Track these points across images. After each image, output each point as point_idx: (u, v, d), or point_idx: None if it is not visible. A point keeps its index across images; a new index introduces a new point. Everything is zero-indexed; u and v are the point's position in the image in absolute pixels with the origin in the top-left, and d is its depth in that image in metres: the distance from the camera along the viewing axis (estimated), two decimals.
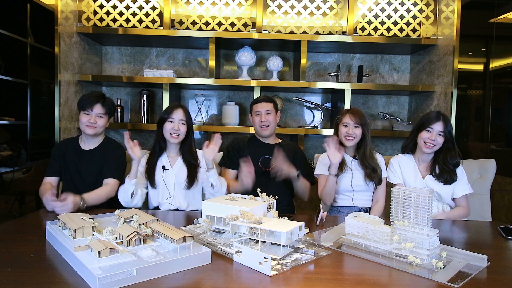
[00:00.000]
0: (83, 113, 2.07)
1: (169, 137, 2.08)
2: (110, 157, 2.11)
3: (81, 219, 1.40)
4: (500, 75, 3.76)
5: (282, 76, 3.36)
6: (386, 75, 3.38)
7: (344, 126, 2.13)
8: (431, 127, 2.03)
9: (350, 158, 2.18)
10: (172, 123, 2.07)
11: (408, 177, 2.12)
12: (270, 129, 2.30)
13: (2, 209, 3.35)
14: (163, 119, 2.09)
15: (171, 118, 2.07)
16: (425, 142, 2.04)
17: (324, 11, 3.00)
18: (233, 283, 1.11)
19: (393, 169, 2.17)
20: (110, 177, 2.06)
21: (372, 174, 2.12)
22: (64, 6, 2.75)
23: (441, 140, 2.02)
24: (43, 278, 1.10)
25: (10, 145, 3.34)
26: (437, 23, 2.97)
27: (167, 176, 2.08)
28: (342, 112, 2.19)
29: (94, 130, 2.07)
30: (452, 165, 2.05)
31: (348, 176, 2.14)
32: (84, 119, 2.06)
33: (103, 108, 2.09)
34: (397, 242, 1.34)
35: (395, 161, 2.18)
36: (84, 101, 2.08)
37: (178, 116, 2.08)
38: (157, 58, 3.32)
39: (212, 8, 2.98)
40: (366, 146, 2.13)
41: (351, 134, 2.10)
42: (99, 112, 2.08)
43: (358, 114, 2.13)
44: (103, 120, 2.11)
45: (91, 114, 2.06)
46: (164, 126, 2.08)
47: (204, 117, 3.30)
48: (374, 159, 2.15)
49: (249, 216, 1.33)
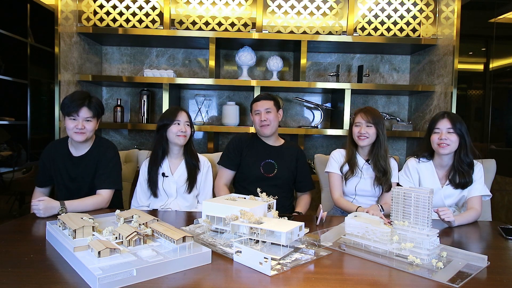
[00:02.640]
0: (69, 119, 1.88)
1: (177, 139, 2.04)
2: (103, 160, 1.98)
3: (81, 219, 1.40)
4: (500, 75, 3.76)
5: (282, 76, 3.36)
6: (386, 75, 3.38)
7: (356, 126, 2.07)
8: (438, 127, 1.95)
9: (363, 161, 2.12)
10: (179, 125, 2.04)
11: (426, 184, 2.01)
12: (271, 128, 2.21)
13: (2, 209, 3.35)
14: (166, 124, 2.05)
15: (177, 121, 2.04)
16: (438, 144, 1.94)
17: (324, 11, 3.00)
18: (233, 283, 1.11)
19: (408, 174, 2.06)
20: (101, 187, 1.95)
21: (382, 178, 2.05)
22: (64, 6, 2.75)
23: (453, 138, 1.91)
24: (43, 278, 1.10)
25: (10, 145, 3.34)
26: (437, 23, 2.97)
27: (167, 184, 2.06)
28: (355, 112, 2.13)
29: (83, 136, 1.90)
30: (467, 165, 1.94)
31: (356, 180, 2.10)
32: (70, 125, 1.88)
33: (90, 111, 1.90)
34: (397, 242, 1.34)
35: (413, 166, 2.06)
36: (67, 105, 1.88)
37: (184, 118, 2.06)
38: (157, 58, 3.32)
39: (212, 8, 2.98)
40: (380, 147, 2.05)
41: (363, 134, 2.03)
42: (86, 116, 1.89)
43: (370, 112, 2.06)
44: (92, 123, 1.92)
45: (78, 119, 1.88)
46: (169, 130, 2.04)
47: (204, 117, 3.30)
48: (387, 162, 2.07)
49: (249, 216, 1.33)
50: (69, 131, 1.91)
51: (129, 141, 3.36)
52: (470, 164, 1.96)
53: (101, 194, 1.94)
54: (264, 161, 2.23)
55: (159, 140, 2.08)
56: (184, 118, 2.07)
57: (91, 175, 1.98)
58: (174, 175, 2.08)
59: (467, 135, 1.94)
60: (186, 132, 2.06)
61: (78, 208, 1.80)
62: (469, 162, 1.95)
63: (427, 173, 2.03)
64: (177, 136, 2.04)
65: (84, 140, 1.94)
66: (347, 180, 2.11)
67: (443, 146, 1.92)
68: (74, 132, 1.89)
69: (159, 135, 2.09)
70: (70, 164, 1.98)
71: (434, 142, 1.96)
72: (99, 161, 1.98)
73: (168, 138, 2.07)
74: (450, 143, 1.92)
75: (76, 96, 1.91)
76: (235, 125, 3.08)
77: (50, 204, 1.74)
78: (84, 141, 1.94)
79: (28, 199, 3.76)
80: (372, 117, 2.04)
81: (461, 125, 1.94)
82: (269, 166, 2.22)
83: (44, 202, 1.72)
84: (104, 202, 1.93)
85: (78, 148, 1.99)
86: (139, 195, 2.09)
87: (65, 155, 1.99)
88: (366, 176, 2.10)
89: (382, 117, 2.09)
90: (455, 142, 1.92)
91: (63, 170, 1.98)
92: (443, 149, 1.93)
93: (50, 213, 1.73)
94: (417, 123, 3.20)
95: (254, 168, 2.20)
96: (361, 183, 2.09)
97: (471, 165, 1.96)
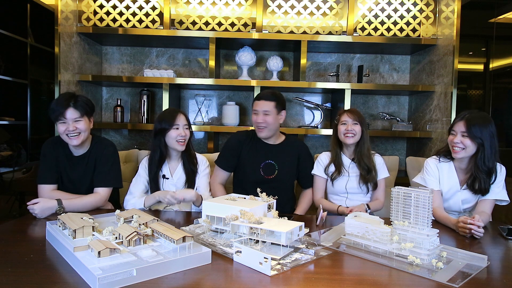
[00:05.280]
0: (59, 123, 1.85)
1: (176, 145, 1.99)
2: (101, 159, 1.97)
3: (81, 219, 1.40)
4: (500, 75, 3.76)
5: (282, 76, 3.36)
6: (386, 75, 3.38)
7: (343, 124, 2.11)
8: (454, 129, 1.84)
9: (348, 160, 2.16)
10: (178, 129, 1.98)
11: (444, 184, 1.92)
12: (267, 131, 2.12)
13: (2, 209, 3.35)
14: (165, 129, 1.98)
15: (176, 125, 1.98)
16: (452, 146, 1.85)
17: (324, 11, 3.00)
18: (233, 283, 1.11)
19: (432, 173, 1.94)
20: (99, 186, 1.93)
21: (366, 176, 2.09)
22: (64, 6, 2.74)
23: (468, 142, 1.78)
24: (43, 278, 1.10)
25: (10, 145, 3.34)
26: (437, 23, 2.97)
27: (167, 186, 2.04)
28: (340, 113, 2.18)
29: (78, 139, 1.87)
30: (485, 173, 1.80)
31: (344, 179, 2.13)
32: (61, 129, 1.84)
33: (76, 111, 1.85)
34: (397, 242, 1.34)
35: (433, 164, 1.96)
36: (53, 110, 1.84)
37: (182, 122, 2.01)
38: (157, 58, 3.32)
39: (212, 8, 2.98)
40: (364, 145, 2.10)
41: (350, 131, 2.07)
42: (74, 116, 1.84)
43: (355, 112, 2.12)
44: (82, 123, 1.87)
45: (67, 121, 1.84)
46: (168, 135, 1.99)
47: (204, 117, 3.30)
48: (371, 160, 2.12)
49: (249, 216, 1.33)
50: (62, 136, 1.87)
51: (129, 141, 3.36)
52: (489, 172, 1.81)
53: (99, 192, 1.93)
54: (264, 162, 2.17)
55: (157, 145, 2.02)
56: (182, 121, 2.02)
57: (90, 175, 1.97)
58: (173, 177, 2.07)
59: (489, 140, 1.78)
60: (186, 136, 2.02)
61: (76, 207, 1.80)
62: (487, 170, 1.80)
63: (447, 173, 1.93)
64: (177, 142, 1.99)
65: (81, 143, 1.90)
66: (335, 180, 2.14)
67: (456, 151, 1.83)
68: (67, 135, 1.85)
69: (157, 140, 2.02)
70: (71, 164, 1.96)
71: (450, 142, 1.87)
72: (98, 160, 1.97)
73: (166, 143, 2.02)
74: (466, 147, 1.80)
75: (60, 98, 1.88)
76: (235, 125, 3.08)
77: (46, 205, 1.72)
78: (81, 143, 1.90)
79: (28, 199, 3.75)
80: (357, 116, 2.10)
81: (481, 129, 1.77)
82: (269, 167, 2.17)
83: (40, 204, 1.71)
84: (102, 201, 1.93)
85: (77, 148, 1.96)
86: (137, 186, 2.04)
87: (66, 154, 1.96)
88: (353, 174, 2.13)
89: (364, 118, 2.14)
90: (470, 147, 1.79)
91: (62, 169, 1.96)
92: (455, 153, 1.84)
93: (47, 214, 1.72)
94: (417, 123, 3.20)
95: (254, 171, 2.16)
96: (350, 182, 2.13)
97: (490, 173, 1.82)
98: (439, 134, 2.87)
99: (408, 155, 3.30)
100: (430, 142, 2.99)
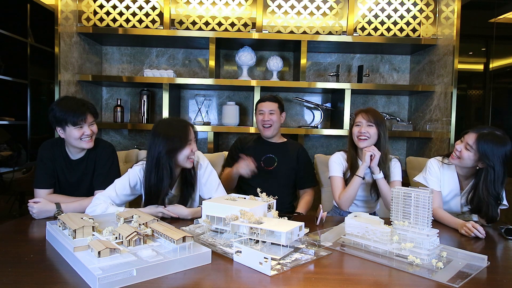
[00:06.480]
0: (74, 128, 1.80)
1: (187, 163, 1.77)
2: (100, 161, 1.94)
3: (81, 219, 1.40)
4: (500, 75, 3.76)
5: (282, 76, 3.36)
6: (386, 75, 3.38)
7: (357, 125, 1.98)
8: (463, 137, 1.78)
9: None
10: (191, 145, 1.76)
11: (445, 187, 1.89)
12: (273, 129, 2.30)
13: (2, 209, 3.35)
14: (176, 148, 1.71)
15: (189, 141, 1.75)
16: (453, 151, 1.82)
17: (324, 11, 3.00)
18: (233, 283, 1.11)
19: (434, 174, 1.90)
20: (98, 188, 1.89)
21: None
22: (64, 6, 2.75)
23: (466, 154, 1.73)
24: (43, 278, 1.10)
25: (10, 145, 3.34)
26: (437, 23, 2.97)
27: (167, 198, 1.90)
28: (356, 112, 2.04)
29: (92, 141, 1.87)
30: (493, 198, 1.70)
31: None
32: (77, 134, 1.80)
33: (92, 115, 1.87)
34: (397, 242, 1.34)
35: (436, 165, 1.92)
36: (72, 115, 1.78)
37: (193, 136, 1.80)
38: (157, 58, 3.32)
39: (212, 8, 2.98)
40: (380, 149, 1.93)
41: (363, 133, 1.93)
42: (91, 120, 1.86)
43: (371, 112, 1.97)
44: (95, 126, 1.89)
45: (85, 126, 1.82)
46: (181, 153, 1.73)
47: (204, 117, 3.30)
48: (387, 166, 1.97)
49: (249, 216, 1.33)
50: (75, 141, 1.83)
51: (129, 141, 3.36)
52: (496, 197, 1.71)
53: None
54: (265, 156, 2.32)
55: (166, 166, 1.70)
56: (193, 135, 1.80)
57: (89, 178, 1.94)
58: (173, 191, 1.91)
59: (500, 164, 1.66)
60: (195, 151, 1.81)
61: (75, 211, 1.76)
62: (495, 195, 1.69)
63: (448, 175, 1.90)
64: (188, 160, 1.77)
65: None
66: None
67: (453, 156, 1.81)
68: (82, 139, 1.83)
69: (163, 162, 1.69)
70: (69, 168, 1.93)
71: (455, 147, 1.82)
72: (97, 162, 1.95)
73: (176, 160, 1.76)
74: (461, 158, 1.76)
75: (74, 104, 1.83)
76: (235, 125, 3.08)
77: (45, 207, 1.72)
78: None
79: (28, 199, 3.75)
80: (373, 117, 1.95)
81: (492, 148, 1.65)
82: (269, 159, 2.31)
83: (40, 204, 1.71)
84: None
85: (76, 151, 1.93)
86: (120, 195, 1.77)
87: (63, 158, 1.93)
88: (365, 180, 2.01)
89: (384, 119, 1.99)
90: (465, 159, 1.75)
91: (60, 172, 1.93)
92: (451, 159, 1.82)
93: (44, 216, 1.71)
94: (417, 123, 3.20)
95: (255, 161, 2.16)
96: (361, 189, 2.02)
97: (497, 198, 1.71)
98: (439, 134, 2.87)
99: (408, 155, 3.30)
100: (430, 142, 2.99)
